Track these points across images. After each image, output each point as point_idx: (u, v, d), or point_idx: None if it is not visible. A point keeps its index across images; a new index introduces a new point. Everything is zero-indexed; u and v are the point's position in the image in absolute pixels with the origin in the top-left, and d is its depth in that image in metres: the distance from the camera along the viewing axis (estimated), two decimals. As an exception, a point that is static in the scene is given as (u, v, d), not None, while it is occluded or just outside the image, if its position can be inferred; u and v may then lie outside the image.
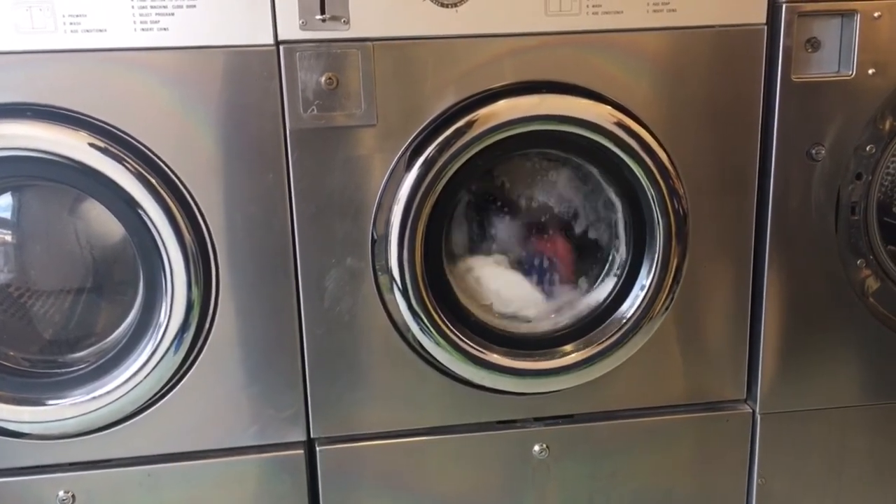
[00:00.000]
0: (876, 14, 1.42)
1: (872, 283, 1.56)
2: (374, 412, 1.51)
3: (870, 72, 1.45)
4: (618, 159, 1.42)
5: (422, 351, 1.47)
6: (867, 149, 1.49)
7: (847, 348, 1.59)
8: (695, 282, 1.52)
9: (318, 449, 1.51)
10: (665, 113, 1.44)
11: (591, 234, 1.58)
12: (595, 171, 1.49)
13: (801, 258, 1.53)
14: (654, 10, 1.39)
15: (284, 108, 1.35)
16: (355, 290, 1.44)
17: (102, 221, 1.44)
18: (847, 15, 1.43)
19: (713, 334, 1.57)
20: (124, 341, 1.41)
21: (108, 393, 1.39)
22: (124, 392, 1.39)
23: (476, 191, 1.54)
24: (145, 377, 1.39)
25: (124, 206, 1.33)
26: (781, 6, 1.41)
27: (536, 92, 1.39)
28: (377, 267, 1.43)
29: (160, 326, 1.37)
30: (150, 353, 1.38)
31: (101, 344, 1.47)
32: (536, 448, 1.56)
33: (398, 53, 1.36)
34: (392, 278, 1.41)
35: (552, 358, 1.49)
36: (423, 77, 1.37)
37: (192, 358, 1.42)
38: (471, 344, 1.46)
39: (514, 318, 1.55)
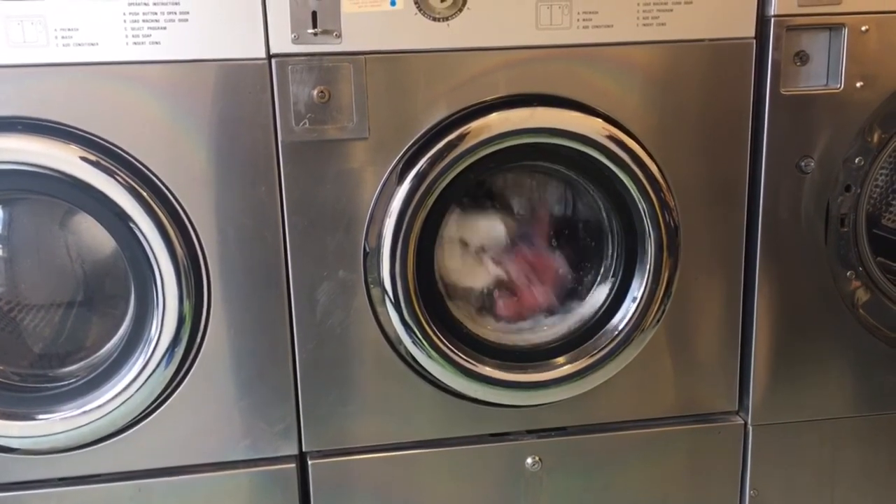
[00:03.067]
0: (864, 28, 1.44)
1: (862, 295, 1.57)
2: (366, 425, 1.51)
3: (858, 85, 1.46)
4: (609, 172, 1.43)
5: (414, 364, 1.47)
6: (856, 161, 1.50)
7: (838, 359, 1.60)
8: (686, 294, 1.52)
9: (309, 463, 1.50)
10: (656, 126, 1.44)
11: (583, 247, 1.58)
12: (586, 183, 1.50)
13: (792, 270, 1.53)
14: (645, 24, 1.40)
15: (276, 122, 1.36)
16: (347, 303, 1.44)
17: (93, 235, 1.43)
18: (835, 28, 1.44)
19: (705, 346, 1.57)
20: (115, 355, 1.41)
21: (98, 407, 1.38)
22: (115, 406, 1.38)
23: (467, 203, 1.54)
24: (136, 391, 1.38)
25: (115, 220, 1.33)
26: (770, 20, 1.42)
27: (527, 105, 1.39)
28: (369, 280, 1.43)
29: (151, 340, 1.37)
30: (141, 367, 1.37)
31: (91, 358, 1.46)
32: (529, 460, 1.56)
33: (390, 67, 1.36)
34: (384, 291, 1.41)
35: (544, 370, 1.49)
36: (415, 90, 1.38)
37: (183, 372, 1.42)
38: (463, 356, 1.46)
39: (506, 330, 1.55)
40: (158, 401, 1.42)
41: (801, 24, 1.43)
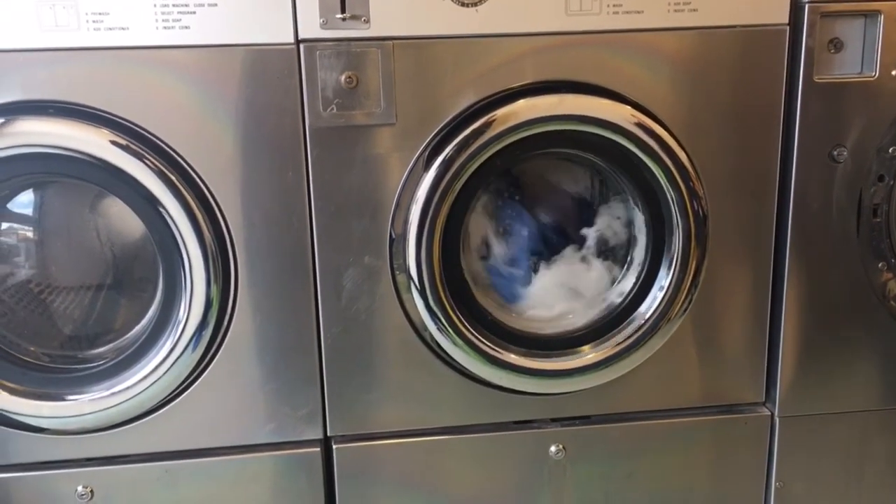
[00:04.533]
0: (900, 15, 1.41)
1: (894, 287, 1.55)
2: (390, 411, 1.51)
3: (893, 73, 1.43)
4: (637, 160, 1.42)
5: (439, 350, 1.47)
6: (890, 150, 1.48)
7: (867, 351, 1.58)
8: (714, 283, 1.51)
9: (334, 447, 1.51)
10: (685, 113, 1.43)
11: (610, 235, 1.57)
12: (614, 171, 1.49)
13: (822, 260, 1.51)
14: (675, 10, 1.38)
15: (304, 107, 1.36)
16: (373, 289, 1.44)
17: (123, 218, 1.45)
18: (870, 15, 1.42)
19: (732, 336, 1.56)
20: (143, 338, 1.42)
21: (126, 389, 1.40)
22: (143, 388, 1.40)
23: (494, 190, 1.54)
24: (164, 374, 1.39)
25: (145, 204, 1.34)
26: (804, 6, 1.40)
27: (556, 92, 1.38)
28: (395, 266, 1.43)
29: (179, 323, 1.38)
30: (168, 349, 1.39)
31: (120, 340, 1.48)
32: (553, 449, 1.55)
33: (418, 53, 1.36)
34: (410, 277, 1.41)
35: (570, 358, 1.49)
36: (443, 76, 1.37)
37: (209, 355, 1.43)
38: (488, 344, 1.46)
39: (531, 317, 1.54)
40: (185, 384, 1.43)
41: (835, 10, 1.41)
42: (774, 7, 1.40)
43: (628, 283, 1.52)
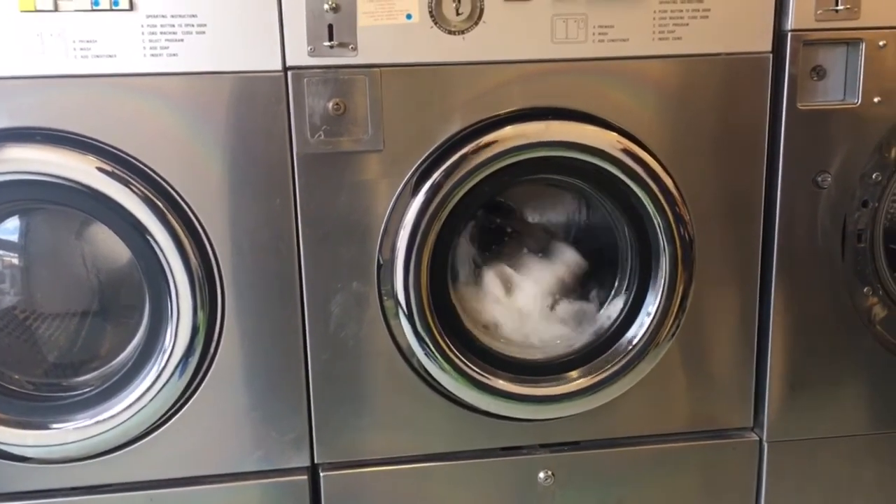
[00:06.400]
0: (881, 43, 1.43)
1: (879, 311, 1.56)
2: (378, 438, 1.50)
3: (875, 100, 1.45)
4: (624, 185, 1.43)
5: (426, 376, 1.47)
6: (873, 176, 1.49)
7: (854, 376, 1.58)
8: (701, 308, 1.51)
9: (321, 475, 1.50)
10: (671, 140, 1.44)
11: (597, 261, 1.58)
12: (601, 197, 1.49)
13: (808, 285, 1.52)
14: (660, 38, 1.40)
15: (292, 133, 1.36)
16: (360, 315, 1.44)
17: (109, 245, 1.44)
18: (853, 43, 1.44)
19: (719, 361, 1.56)
20: (129, 365, 1.41)
21: (112, 417, 1.39)
22: (128, 416, 1.38)
23: (482, 216, 1.54)
24: (149, 402, 1.38)
25: (131, 230, 1.34)
26: (787, 34, 1.42)
27: (542, 118, 1.39)
28: (383, 291, 1.43)
29: (165, 351, 1.37)
30: (154, 377, 1.38)
31: (105, 368, 1.47)
32: (541, 475, 1.55)
33: (405, 80, 1.36)
34: (398, 303, 1.41)
35: (558, 384, 1.49)
36: (430, 103, 1.38)
37: (196, 382, 1.42)
38: (476, 369, 1.45)
39: (518, 343, 1.54)
40: (171, 411, 1.42)
41: (818, 38, 1.43)
42: (757, 35, 1.42)
43: (616, 308, 1.52)
